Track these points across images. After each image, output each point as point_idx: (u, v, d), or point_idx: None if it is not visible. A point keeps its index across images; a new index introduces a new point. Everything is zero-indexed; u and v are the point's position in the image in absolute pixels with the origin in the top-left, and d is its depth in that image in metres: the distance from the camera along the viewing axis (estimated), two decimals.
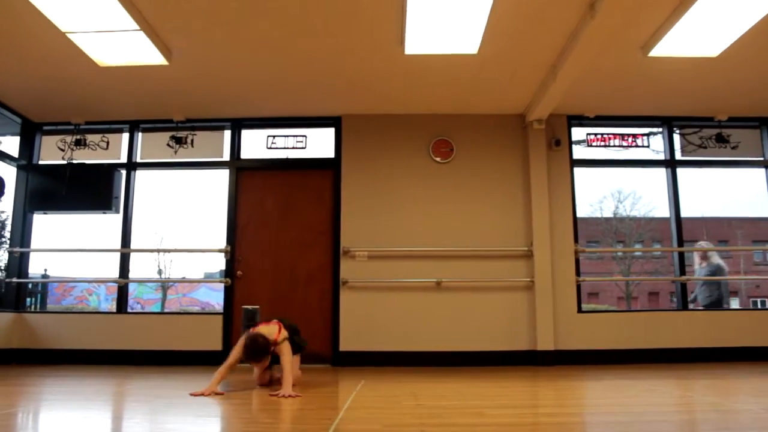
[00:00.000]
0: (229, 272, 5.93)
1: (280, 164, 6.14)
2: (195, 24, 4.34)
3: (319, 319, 5.81)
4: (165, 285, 20.16)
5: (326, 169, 6.11)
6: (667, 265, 24.72)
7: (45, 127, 6.22)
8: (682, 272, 5.95)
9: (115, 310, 5.99)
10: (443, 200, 5.92)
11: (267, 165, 6.16)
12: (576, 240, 5.87)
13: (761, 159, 6.17)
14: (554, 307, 5.67)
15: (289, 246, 5.98)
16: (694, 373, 4.60)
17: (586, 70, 4.85)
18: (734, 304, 27.17)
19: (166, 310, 18.25)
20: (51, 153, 6.16)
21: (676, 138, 6.13)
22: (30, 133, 6.15)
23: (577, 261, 5.87)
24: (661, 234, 22.43)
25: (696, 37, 4.38)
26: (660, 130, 6.16)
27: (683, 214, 6.05)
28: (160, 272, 20.99)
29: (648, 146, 6.13)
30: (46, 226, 6.35)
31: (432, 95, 5.62)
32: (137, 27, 4.15)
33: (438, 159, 5.99)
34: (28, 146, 6.12)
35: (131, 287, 20.48)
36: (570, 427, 2.41)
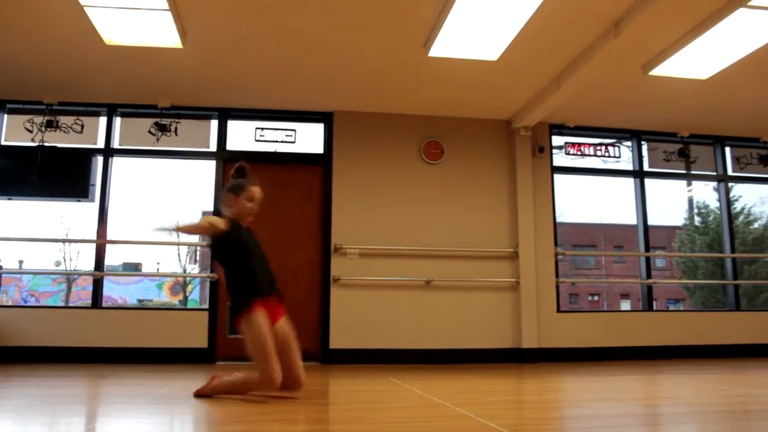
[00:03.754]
0: (214, 267, 5.70)
1: (268, 157, 6.00)
2: (216, 7, 4.16)
3: (307, 315, 5.72)
4: (70, 278, 18.86)
5: (315, 164, 6.04)
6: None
7: (9, 105, 5.70)
8: (648, 275, 6.41)
9: (90, 305, 5.61)
10: (433, 201, 6.02)
11: (255, 157, 5.97)
12: (556, 243, 6.18)
13: (714, 173, 6.78)
14: (537, 307, 5.93)
15: (276, 241, 5.82)
16: (688, 369, 4.96)
17: (589, 83, 5.12)
18: (625, 306, 29.45)
19: (155, 305, 16.84)
20: (17, 133, 5.65)
21: (644, 150, 6.61)
22: None
23: (556, 263, 6.17)
24: (577, 238, 24.29)
25: (694, 60, 4.75)
26: (630, 143, 6.61)
27: (588, 220, 6.53)
28: (59, 263, 19.53)
29: (619, 157, 6.56)
30: None
31: (430, 97, 5.70)
32: (166, 6, 3.94)
33: (428, 160, 6.08)
34: None
35: (25, 279, 18.96)
36: (679, 416, 2.56)
